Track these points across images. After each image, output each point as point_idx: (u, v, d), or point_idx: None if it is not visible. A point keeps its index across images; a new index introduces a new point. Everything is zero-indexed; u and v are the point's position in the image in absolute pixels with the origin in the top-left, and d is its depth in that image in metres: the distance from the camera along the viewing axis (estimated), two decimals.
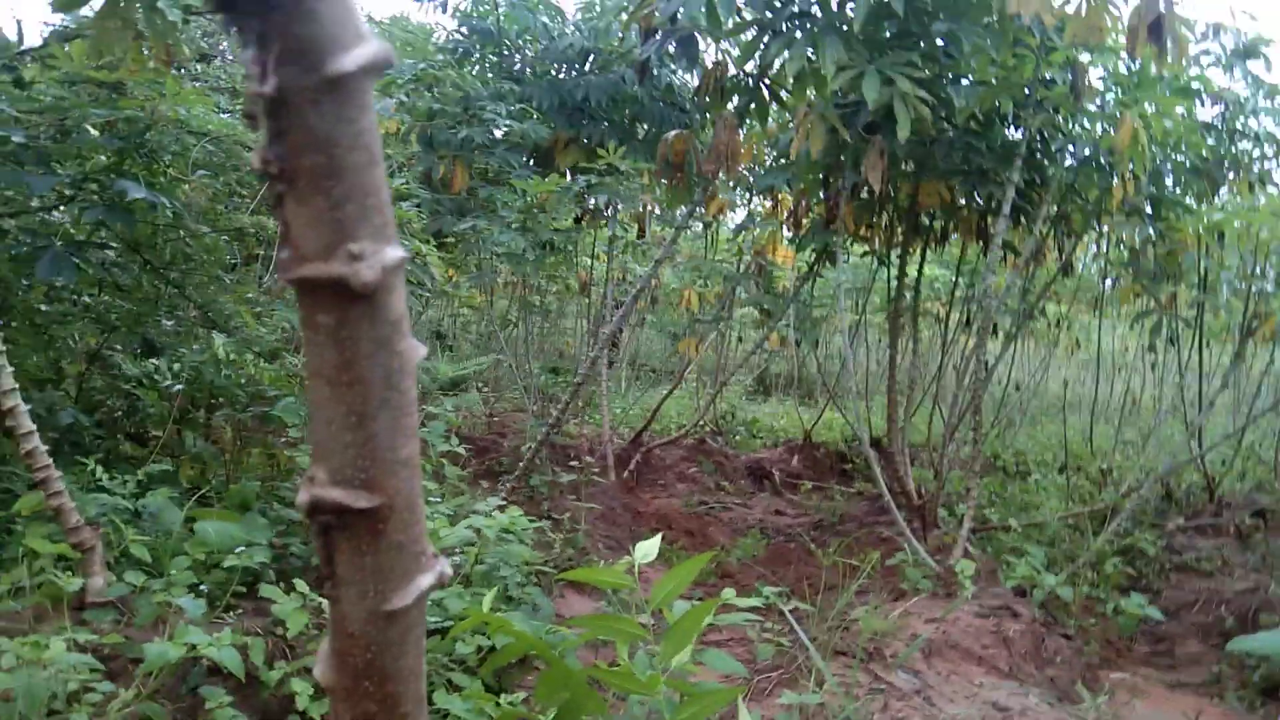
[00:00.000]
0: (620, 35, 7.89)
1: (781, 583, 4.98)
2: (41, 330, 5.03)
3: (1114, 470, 8.63)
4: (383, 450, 0.64)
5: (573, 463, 7.64)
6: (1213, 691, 4.34)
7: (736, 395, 13.47)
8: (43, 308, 5.09)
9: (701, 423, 10.15)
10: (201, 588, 3.41)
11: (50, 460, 3.13)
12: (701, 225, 10.23)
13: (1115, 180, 5.43)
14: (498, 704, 3.32)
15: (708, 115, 7.41)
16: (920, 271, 7.40)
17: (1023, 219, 6.51)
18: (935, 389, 9.04)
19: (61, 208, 4.81)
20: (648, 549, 2.40)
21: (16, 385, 3.09)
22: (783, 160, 7.47)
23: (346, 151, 0.58)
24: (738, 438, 11.03)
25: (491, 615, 3.00)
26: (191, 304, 4.87)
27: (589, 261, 10.13)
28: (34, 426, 3.10)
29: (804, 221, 7.70)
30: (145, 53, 4.10)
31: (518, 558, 4.11)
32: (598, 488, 7.23)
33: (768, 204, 9.30)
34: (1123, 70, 5.22)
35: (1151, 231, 6.49)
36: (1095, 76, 5.31)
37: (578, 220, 8.36)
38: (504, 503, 4.57)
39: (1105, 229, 7.01)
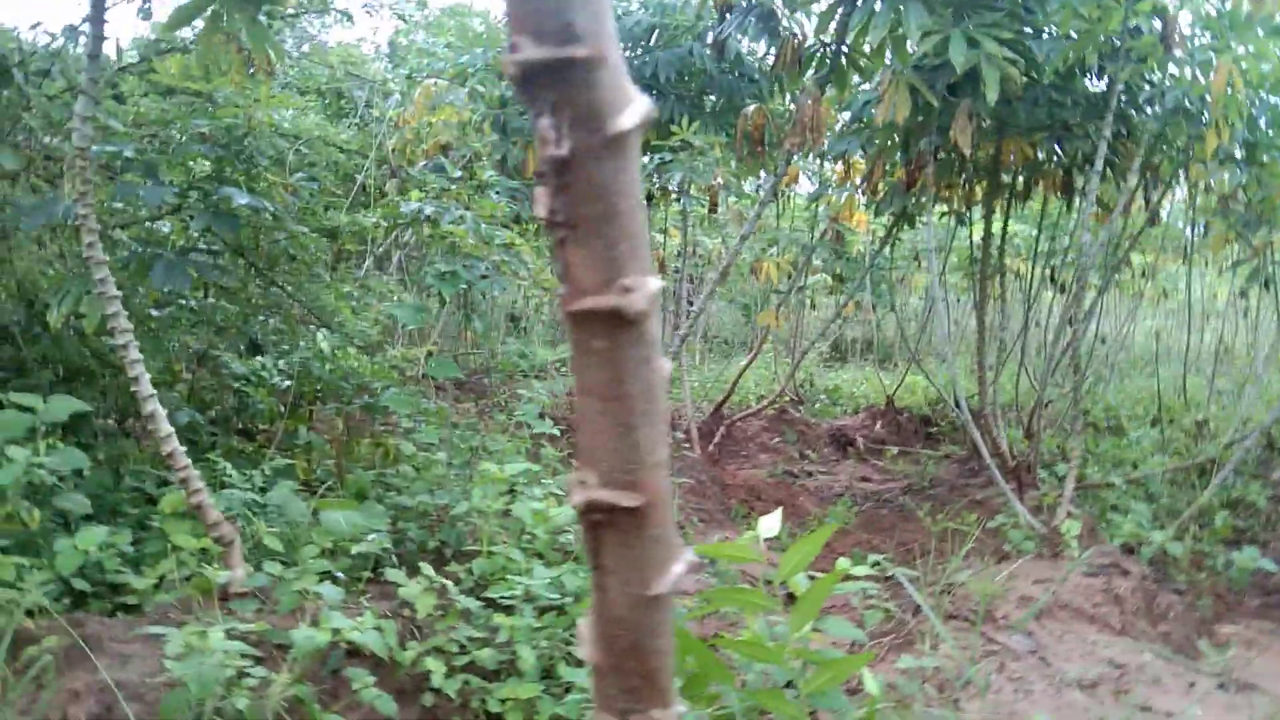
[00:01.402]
0: (685, 5, 7.87)
1: (881, 549, 5.01)
2: (154, 335, 5.28)
3: (1209, 422, 8.43)
4: (644, 455, 0.72)
5: None
6: None
7: (814, 363, 13.43)
8: (153, 313, 5.33)
9: (781, 393, 10.17)
10: (335, 575, 3.58)
11: (189, 461, 3.31)
12: (773, 195, 10.20)
13: (1207, 127, 5.28)
14: None
15: (779, 85, 7.37)
16: (1005, 229, 7.29)
17: (1109, 171, 6.38)
18: (1021, 347, 8.90)
19: (168, 217, 5.02)
20: (770, 524, 2.47)
21: (154, 391, 3.28)
22: (855, 125, 7.41)
23: (620, 199, 0.66)
24: (818, 406, 11.03)
25: None
26: (295, 302, 5.06)
27: (660, 238, 10.18)
28: (172, 429, 3.28)
29: (879, 186, 7.64)
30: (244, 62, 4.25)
31: None
32: (684, 461, 7.33)
33: (839, 169, 9.23)
34: (1213, 13, 5.07)
35: (1244, 177, 6.30)
36: (1184, 22, 5.17)
37: (649, 198, 8.41)
38: None
39: (1194, 177, 6.82)
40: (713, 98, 8.44)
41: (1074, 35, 5.19)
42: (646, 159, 7.48)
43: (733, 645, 2.43)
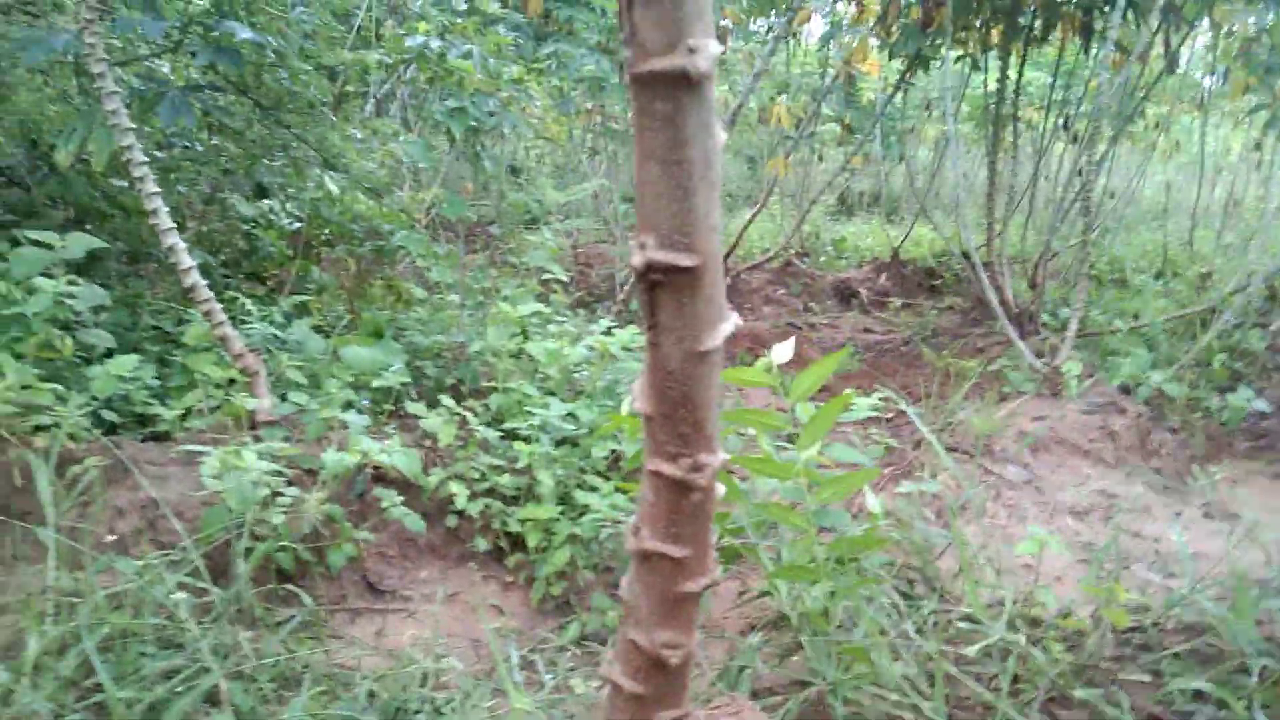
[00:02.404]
0: None
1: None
2: (161, 177, 5.25)
3: (1214, 274, 8.46)
4: (701, 218, 0.77)
5: None
6: None
7: (820, 215, 13.35)
8: (158, 154, 5.28)
9: (787, 245, 10.16)
10: (364, 402, 3.70)
11: (211, 293, 3.37)
12: (785, 35, 9.90)
13: None
14: (631, 499, 3.61)
15: None
16: (1020, 74, 7.13)
17: (1130, 12, 6.19)
18: (1030, 198, 8.84)
19: (168, 56, 4.92)
20: (783, 351, 2.55)
21: (173, 224, 3.31)
22: None
23: None
24: (823, 259, 11.03)
25: (629, 418, 3.22)
26: (301, 143, 5.02)
27: None
28: (193, 263, 3.32)
29: (894, 27, 7.43)
30: None
31: (633, 372, 4.32)
32: None
33: (852, 9, 8.94)
34: None
35: (1272, 18, 6.12)
36: None
37: None
38: (613, 324, 4.75)
39: (1219, 18, 6.62)
40: None
41: None
42: None
43: (743, 462, 2.55)
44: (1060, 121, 8.93)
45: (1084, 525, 3.39)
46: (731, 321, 0.83)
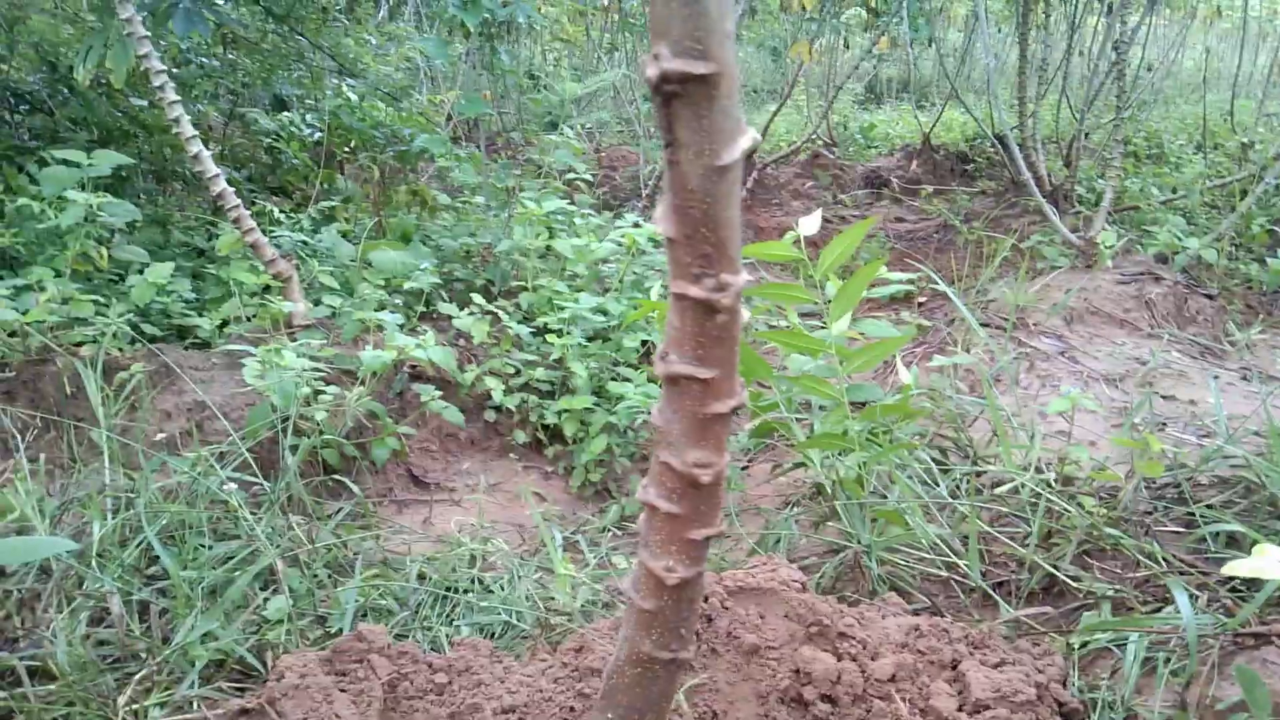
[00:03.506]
0: None
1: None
2: (181, 92, 5.24)
3: (1256, 144, 8.21)
4: (714, 22, 0.76)
5: None
6: None
7: (848, 104, 13.05)
8: (175, 71, 5.26)
9: (815, 136, 9.97)
10: (396, 302, 3.74)
11: (239, 200, 3.39)
12: None
13: None
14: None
15: None
16: None
17: None
18: (1064, 75, 8.57)
19: None
20: (811, 223, 2.53)
21: (196, 131, 3.31)
22: None
23: None
24: (851, 149, 10.83)
25: (660, 303, 3.23)
26: (318, 50, 4.97)
27: None
28: (219, 171, 3.34)
29: None
30: None
31: (661, 265, 4.32)
32: None
33: None
34: None
35: None
36: None
37: None
38: (638, 220, 4.73)
39: None
40: None
41: None
42: None
43: (777, 336, 2.56)
44: None
45: (1118, 392, 3.38)
46: (750, 135, 0.83)
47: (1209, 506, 2.31)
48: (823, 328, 2.57)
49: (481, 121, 4.88)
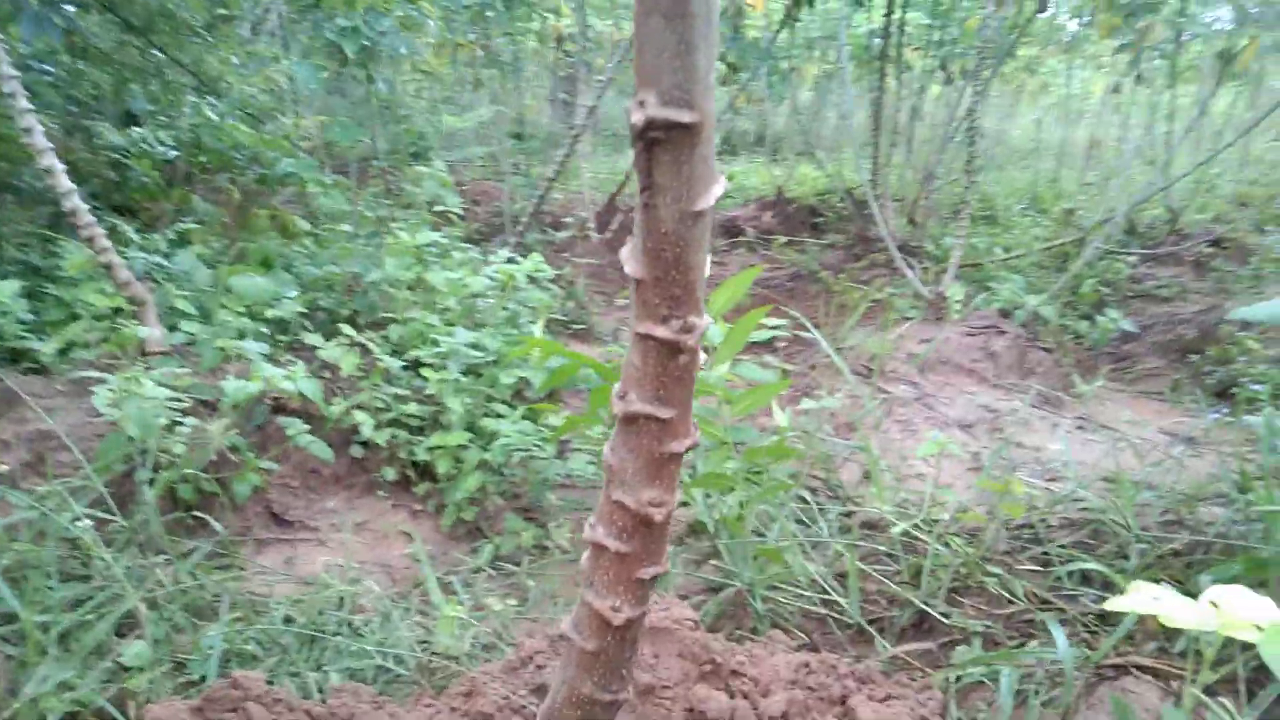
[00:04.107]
0: None
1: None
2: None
3: (1077, 211, 8.94)
4: (702, 75, 0.78)
5: (562, 223, 7.80)
6: (1172, 399, 4.80)
7: None
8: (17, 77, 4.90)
9: None
10: (262, 331, 3.57)
11: (95, 219, 3.19)
12: None
13: None
14: (536, 425, 3.63)
15: None
16: (905, 9, 7.30)
17: None
18: (909, 139, 9.12)
19: None
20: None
21: (51, 145, 3.10)
22: None
23: None
24: None
25: (544, 340, 3.23)
26: (178, 65, 4.74)
27: (551, 18, 9.76)
28: (74, 186, 3.14)
29: None
30: None
31: (537, 301, 4.31)
32: (587, 245, 7.42)
33: None
34: None
35: None
36: None
37: None
38: (512, 256, 4.71)
39: None
40: None
41: None
42: None
43: None
44: (938, 62, 9.20)
45: (970, 437, 3.59)
46: (722, 183, 0.85)
47: (1062, 546, 2.47)
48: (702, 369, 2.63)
49: (350, 149, 4.75)
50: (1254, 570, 2.08)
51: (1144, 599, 1.37)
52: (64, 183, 3.08)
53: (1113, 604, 1.40)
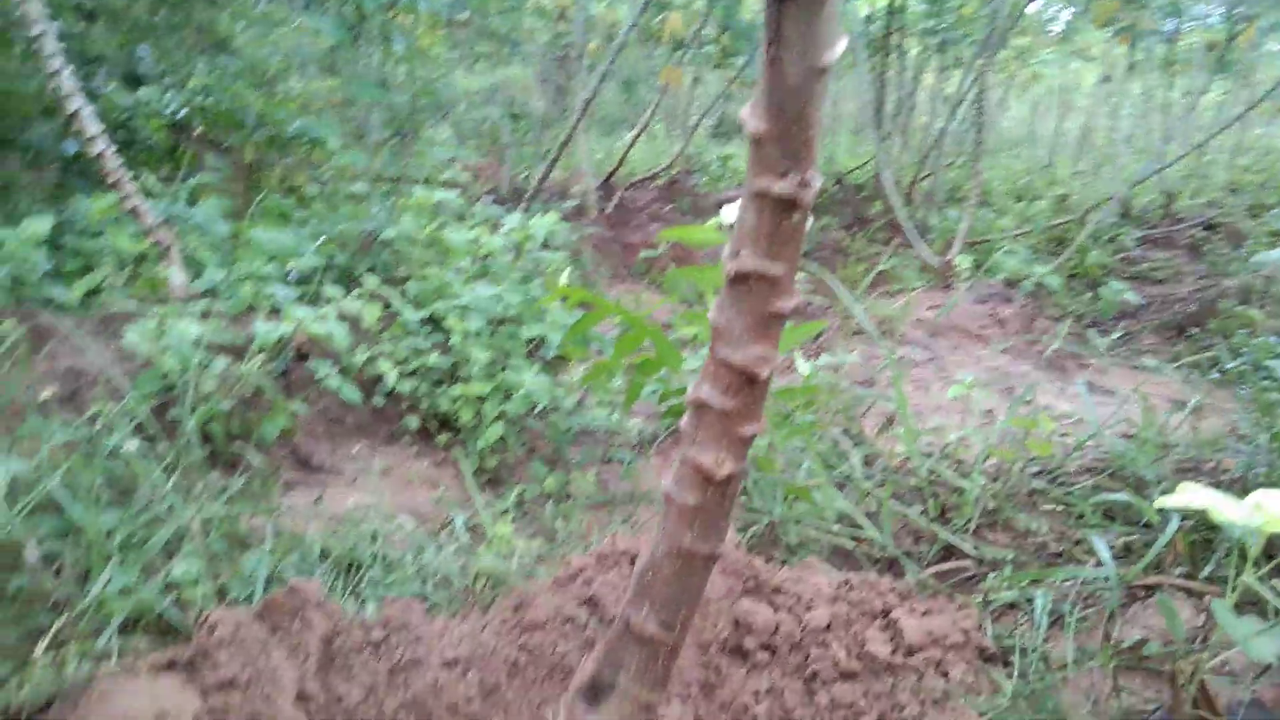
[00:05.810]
0: None
1: None
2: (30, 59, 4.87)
3: (1071, 197, 9.05)
4: None
5: (567, 196, 7.85)
6: (1174, 373, 4.87)
7: (700, 138, 13.47)
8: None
9: (672, 164, 10.25)
10: (291, 275, 3.60)
11: (121, 160, 3.21)
12: None
13: None
14: (556, 382, 3.68)
15: None
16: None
17: None
18: (907, 122, 9.19)
19: None
20: (732, 211, 2.64)
21: (79, 87, 3.12)
22: None
23: None
24: (705, 179, 11.18)
25: (571, 289, 3.27)
26: (188, 25, 4.74)
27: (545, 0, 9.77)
28: (103, 127, 3.15)
29: None
30: None
31: (553, 263, 4.35)
32: (587, 219, 7.47)
33: None
34: None
35: None
36: None
37: None
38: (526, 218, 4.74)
39: None
40: None
41: None
42: None
43: (693, 317, 2.65)
44: (936, 45, 9.27)
45: (981, 395, 3.66)
46: (845, 41, 0.90)
47: (1084, 487, 2.54)
48: None
49: (369, 108, 4.76)
50: None
51: (1194, 496, 1.43)
52: (91, 127, 3.10)
53: (1161, 502, 1.46)
